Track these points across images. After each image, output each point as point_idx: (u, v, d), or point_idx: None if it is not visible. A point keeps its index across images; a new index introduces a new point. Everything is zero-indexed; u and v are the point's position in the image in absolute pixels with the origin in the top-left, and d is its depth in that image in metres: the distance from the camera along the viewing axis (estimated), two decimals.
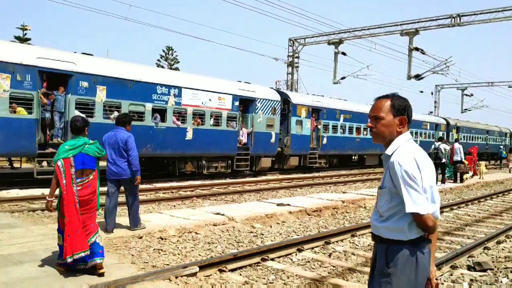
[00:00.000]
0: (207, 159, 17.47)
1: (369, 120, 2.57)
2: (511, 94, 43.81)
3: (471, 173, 20.75)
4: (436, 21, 26.01)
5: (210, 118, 17.07)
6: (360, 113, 25.86)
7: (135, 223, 7.14)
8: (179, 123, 15.92)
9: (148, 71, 15.81)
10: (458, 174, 18.66)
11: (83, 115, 6.10)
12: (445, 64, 28.42)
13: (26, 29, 38.42)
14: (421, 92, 43.40)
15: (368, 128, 2.57)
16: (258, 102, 19.17)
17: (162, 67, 48.23)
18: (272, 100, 19.99)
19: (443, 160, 17.07)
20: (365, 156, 28.42)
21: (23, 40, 37.13)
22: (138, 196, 7.23)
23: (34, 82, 12.09)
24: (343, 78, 30.35)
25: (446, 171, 18.09)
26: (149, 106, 14.92)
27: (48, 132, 12.86)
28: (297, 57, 32.34)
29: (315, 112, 22.92)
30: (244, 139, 18.63)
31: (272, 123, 19.90)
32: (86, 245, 4.80)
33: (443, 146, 17.17)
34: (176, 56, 54.50)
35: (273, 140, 19.97)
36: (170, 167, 17.00)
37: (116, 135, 6.87)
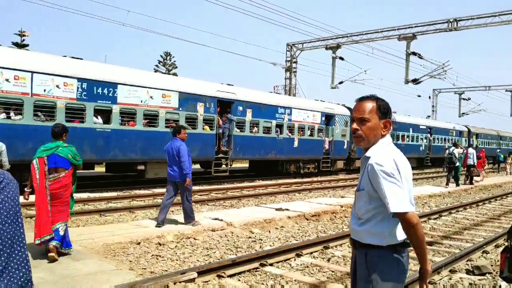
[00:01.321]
0: (303, 161, 22.70)
1: (353, 123, 2.47)
2: (508, 98, 44.29)
3: (481, 176, 22.42)
4: (433, 25, 26.15)
5: (308, 130, 22.38)
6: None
7: (187, 219, 8.12)
8: (290, 134, 21.25)
9: (272, 97, 22.03)
10: (468, 177, 20.03)
11: (63, 124, 6.75)
12: (443, 68, 28.54)
13: (24, 35, 38.48)
14: (419, 96, 43.66)
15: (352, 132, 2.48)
16: (336, 117, 24.52)
17: (161, 72, 48.25)
18: (344, 115, 25.14)
19: (457, 164, 18.52)
20: None
21: (21, 46, 37.15)
22: (191, 196, 8.26)
23: (215, 108, 17.34)
24: (341, 82, 30.43)
25: (458, 174, 19.13)
26: (274, 122, 20.41)
27: (220, 143, 17.81)
28: (295, 62, 32.44)
29: None
30: (326, 146, 23.82)
31: (345, 133, 24.95)
32: (50, 230, 5.59)
33: (457, 151, 18.76)
34: (174, 61, 54.67)
35: (345, 146, 25.28)
36: (279, 167, 21.87)
37: (171, 145, 8.10)
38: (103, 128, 13.58)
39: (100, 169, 18.11)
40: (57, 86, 12.43)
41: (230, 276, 5.60)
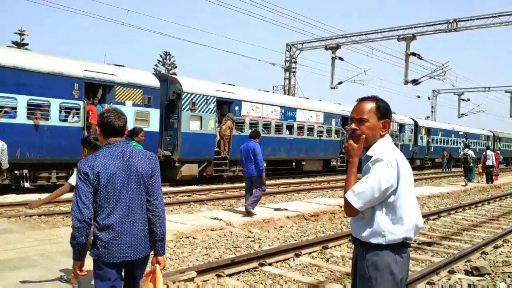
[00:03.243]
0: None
1: (352, 123, 2.52)
2: (507, 99, 44.67)
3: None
4: (433, 26, 26.18)
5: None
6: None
7: (251, 204, 9.30)
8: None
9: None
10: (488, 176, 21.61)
11: (140, 127, 8.31)
12: (442, 69, 28.58)
13: (23, 34, 38.47)
14: (418, 97, 43.71)
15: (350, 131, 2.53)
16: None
17: (160, 71, 48.25)
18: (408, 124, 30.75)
19: (471, 164, 20.58)
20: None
21: (20, 45, 37.12)
22: (263, 188, 9.45)
23: (339, 122, 25.00)
24: (340, 83, 30.43)
25: (472, 173, 21.20)
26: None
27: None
28: (294, 62, 32.45)
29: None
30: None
31: (411, 138, 30.19)
32: None
33: (470, 152, 20.77)
34: (174, 61, 54.74)
35: (410, 149, 29.95)
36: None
37: (248, 145, 9.32)
38: (289, 137, 21.39)
39: None
40: (272, 112, 20.40)
41: (229, 275, 5.60)
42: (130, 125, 13.48)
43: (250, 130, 16.65)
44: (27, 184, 12.82)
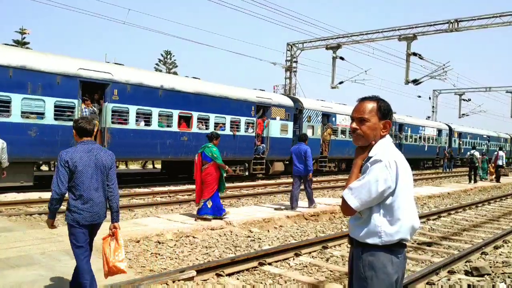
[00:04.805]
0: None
1: (352, 122, 2.53)
2: (508, 99, 44.79)
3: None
4: (434, 26, 26.11)
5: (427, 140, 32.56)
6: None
7: (310, 203, 10.71)
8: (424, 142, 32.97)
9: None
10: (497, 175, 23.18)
11: (216, 132, 9.54)
12: (443, 69, 28.50)
13: (24, 33, 38.47)
14: (419, 97, 43.70)
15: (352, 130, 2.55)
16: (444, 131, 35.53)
17: (160, 71, 48.28)
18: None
19: (476, 164, 21.76)
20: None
21: (21, 44, 37.14)
22: (311, 186, 10.84)
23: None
24: (341, 82, 30.38)
25: (478, 172, 22.74)
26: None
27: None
28: (295, 62, 32.39)
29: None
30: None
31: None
32: (198, 201, 8.64)
33: (476, 153, 21.91)
34: (175, 60, 54.70)
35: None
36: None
37: (300, 148, 10.45)
38: (343, 139, 24.67)
39: None
40: (342, 120, 24.61)
41: (229, 275, 5.60)
42: (276, 134, 20.25)
43: (342, 136, 24.74)
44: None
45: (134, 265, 5.76)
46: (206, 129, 16.65)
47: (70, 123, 12.13)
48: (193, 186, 15.94)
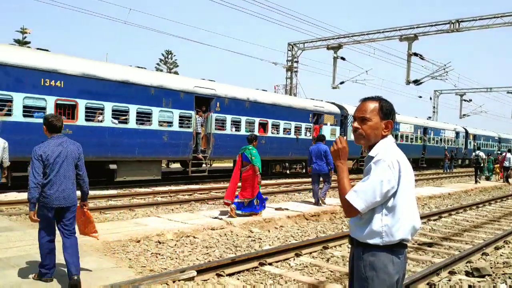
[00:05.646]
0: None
1: (354, 121, 2.52)
2: (509, 99, 45.06)
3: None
4: (435, 26, 26.11)
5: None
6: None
7: (323, 196, 11.49)
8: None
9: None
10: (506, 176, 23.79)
11: (255, 134, 10.40)
12: (444, 69, 28.51)
13: (25, 32, 38.50)
14: (420, 97, 43.62)
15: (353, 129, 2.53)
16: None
17: (161, 70, 48.30)
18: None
19: (481, 164, 22.38)
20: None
21: (22, 43, 37.16)
22: (330, 181, 11.61)
23: None
24: (342, 82, 30.40)
25: (483, 172, 23.87)
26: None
27: None
28: (296, 62, 32.40)
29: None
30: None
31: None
32: (232, 198, 9.08)
33: (481, 154, 22.61)
34: (175, 60, 54.70)
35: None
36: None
37: (319, 147, 11.27)
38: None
39: None
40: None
41: (229, 275, 5.60)
42: (328, 137, 19.27)
43: None
44: None
45: (135, 265, 5.76)
46: (277, 133, 20.39)
47: (189, 130, 16.28)
48: (193, 186, 16.18)
